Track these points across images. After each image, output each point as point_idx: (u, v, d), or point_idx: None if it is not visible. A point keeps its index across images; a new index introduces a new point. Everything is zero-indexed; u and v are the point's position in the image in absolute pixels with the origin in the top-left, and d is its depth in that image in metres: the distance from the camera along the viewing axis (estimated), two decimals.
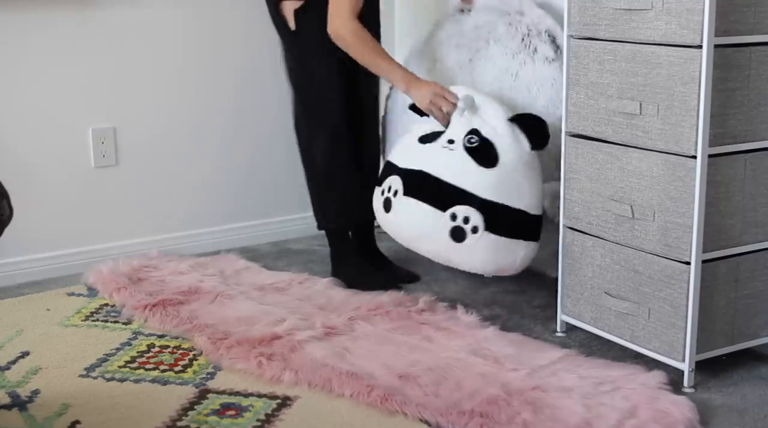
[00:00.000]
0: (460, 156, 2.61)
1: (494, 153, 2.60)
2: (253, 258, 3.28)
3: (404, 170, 2.70)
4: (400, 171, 2.71)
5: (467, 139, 2.61)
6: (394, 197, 2.70)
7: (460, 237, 2.59)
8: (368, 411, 2.21)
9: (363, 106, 3.10)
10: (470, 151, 2.60)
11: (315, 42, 2.94)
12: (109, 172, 3.25)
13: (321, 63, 2.96)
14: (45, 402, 2.27)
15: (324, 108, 3.00)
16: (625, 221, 2.39)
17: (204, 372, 2.42)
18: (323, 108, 3.00)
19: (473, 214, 2.57)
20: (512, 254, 2.62)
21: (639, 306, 2.38)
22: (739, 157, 2.28)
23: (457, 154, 2.62)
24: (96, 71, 3.18)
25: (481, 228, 2.57)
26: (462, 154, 2.61)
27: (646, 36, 2.28)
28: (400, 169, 2.72)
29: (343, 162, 3.04)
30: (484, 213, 2.57)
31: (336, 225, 3.11)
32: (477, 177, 2.59)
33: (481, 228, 2.57)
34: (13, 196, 2.09)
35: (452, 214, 2.59)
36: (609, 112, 2.40)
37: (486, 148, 2.60)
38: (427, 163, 2.66)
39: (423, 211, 2.63)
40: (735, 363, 2.44)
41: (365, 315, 2.73)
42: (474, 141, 2.60)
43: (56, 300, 2.93)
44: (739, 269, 2.34)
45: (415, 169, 2.67)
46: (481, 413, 2.15)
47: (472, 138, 2.61)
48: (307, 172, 3.11)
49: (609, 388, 2.27)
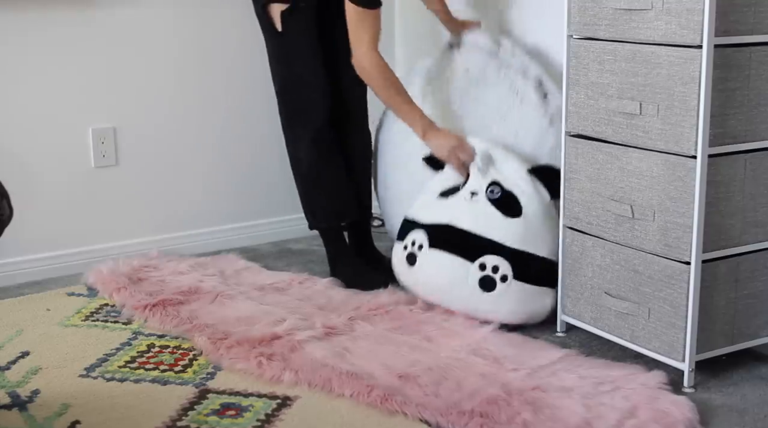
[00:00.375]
0: (485, 207, 2.66)
1: (518, 204, 2.65)
2: (253, 258, 3.28)
3: (429, 225, 2.73)
4: (424, 226, 2.74)
5: (490, 190, 2.66)
6: (419, 251, 2.73)
7: (490, 286, 2.62)
8: (368, 411, 2.21)
9: (349, 107, 3.10)
10: (494, 202, 2.65)
11: (301, 44, 2.94)
12: (109, 172, 3.25)
13: (307, 65, 2.96)
14: (45, 402, 2.27)
15: (308, 110, 3.00)
16: (625, 221, 2.39)
17: (204, 372, 2.42)
18: (307, 110, 3.00)
19: (502, 263, 2.61)
20: (540, 301, 2.65)
21: (639, 306, 2.38)
22: (739, 157, 2.28)
23: (481, 205, 2.67)
24: (96, 71, 3.18)
25: (510, 276, 2.61)
26: (486, 206, 2.66)
27: (646, 36, 2.28)
28: (423, 224, 2.75)
29: (328, 162, 3.05)
30: (512, 262, 2.61)
31: (326, 224, 3.11)
32: (503, 227, 2.63)
33: (510, 277, 2.61)
34: (13, 196, 2.09)
35: (481, 264, 2.62)
36: (609, 112, 2.40)
37: (509, 198, 2.65)
38: (451, 216, 2.70)
39: (451, 262, 2.66)
40: (735, 363, 2.44)
41: (365, 315, 2.73)
42: (497, 192, 2.65)
43: (56, 300, 2.93)
44: (739, 269, 2.34)
45: (441, 223, 2.71)
46: (481, 413, 2.15)
47: (494, 189, 2.66)
48: (295, 173, 3.12)
49: (609, 388, 2.27)
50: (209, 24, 3.35)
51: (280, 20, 2.93)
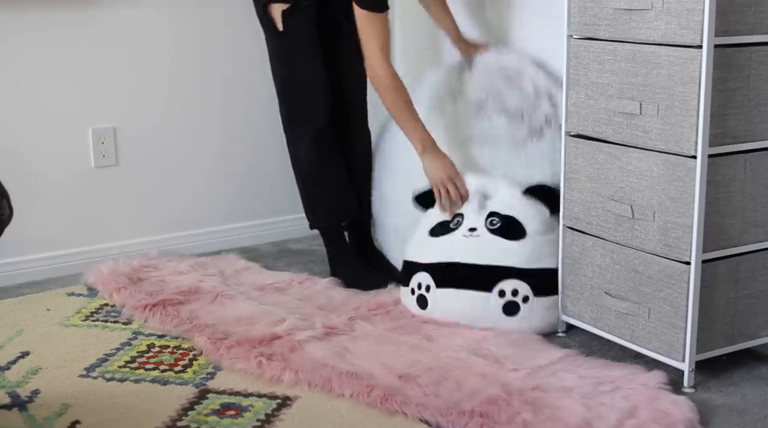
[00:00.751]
0: (489, 239, 2.65)
1: (520, 225, 2.65)
2: (253, 258, 3.28)
3: (430, 265, 2.70)
4: (426, 267, 2.71)
5: (489, 221, 2.66)
6: (427, 292, 2.70)
7: (514, 310, 2.61)
8: (368, 411, 2.21)
9: (349, 107, 3.10)
10: (496, 232, 2.65)
11: (302, 43, 2.94)
12: (109, 172, 3.25)
13: (308, 64, 2.96)
14: (45, 402, 2.27)
15: (309, 109, 3.00)
16: (625, 221, 2.39)
17: (204, 372, 2.42)
18: (308, 109, 3.00)
19: (520, 285, 2.60)
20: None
21: (639, 306, 2.38)
22: (739, 157, 2.28)
23: (484, 238, 2.66)
24: (96, 71, 3.18)
25: (531, 296, 2.61)
26: (489, 237, 2.65)
27: (646, 36, 2.28)
28: (424, 264, 2.72)
29: (329, 161, 3.05)
30: (529, 281, 2.60)
31: (326, 223, 3.11)
32: (512, 251, 2.62)
33: (531, 297, 2.61)
34: (13, 196, 2.09)
35: (500, 291, 2.61)
36: (609, 112, 2.40)
37: (510, 224, 2.65)
38: (452, 253, 2.68)
39: (467, 296, 2.64)
40: (735, 363, 2.44)
41: (365, 315, 2.73)
42: (496, 222, 2.65)
43: (56, 300, 2.93)
44: (739, 269, 2.34)
45: (444, 262, 2.68)
46: (481, 413, 2.15)
47: (494, 220, 2.66)
48: (296, 172, 3.12)
49: (609, 388, 2.27)
50: (209, 24, 3.35)
51: (281, 20, 2.93)
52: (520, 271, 2.61)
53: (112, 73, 3.21)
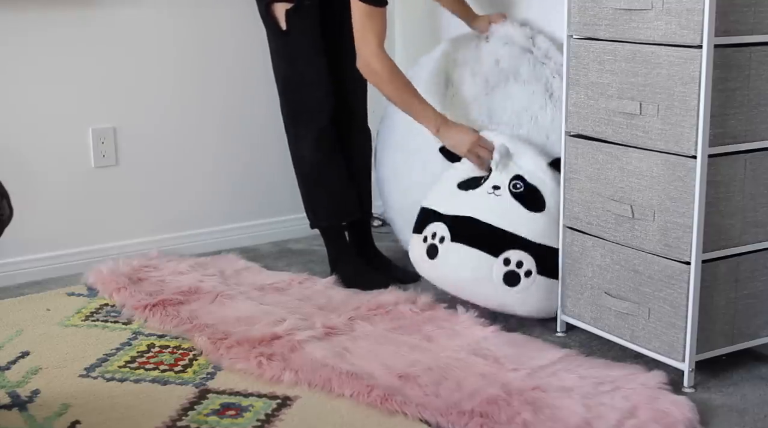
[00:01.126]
0: (509, 201, 2.65)
1: (541, 198, 2.64)
2: (253, 258, 3.28)
3: (450, 217, 2.71)
4: (445, 217, 2.71)
5: (513, 184, 2.65)
6: (440, 244, 2.70)
7: (515, 281, 2.61)
8: (368, 411, 2.21)
9: (351, 107, 3.10)
10: (517, 197, 2.64)
11: (305, 43, 2.94)
12: (109, 172, 3.25)
13: (311, 63, 2.96)
14: (45, 402, 2.27)
15: (312, 109, 3.00)
16: (625, 221, 2.39)
17: (204, 372, 2.42)
18: (311, 109, 3.00)
19: (526, 258, 2.60)
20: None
21: (639, 306, 2.38)
22: (739, 157, 2.28)
23: (505, 199, 2.65)
24: (96, 71, 3.18)
25: (535, 271, 2.60)
26: (510, 200, 2.65)
27: (646, 36, 2.28)
28: (444, 215, 2.72)
29: (331, 161, 3.05)
30: (536, 257, 2.60)
31: (327, 223, 3.11)
32: (527, 221, 2.62)
33: (534, 272, 2.60)
34: (13, 196, 2.09)
35: (505, 259, 2.61)
36: (609, 112, 2.40)
37: (532, 193, 2.64)
38: (474, 209, 2.68)
39: (475, 256, 2.64)
40: (735, 363, 2.44)
41: (365, 315, 2.73)
42: (520, 186, 2.65)
43: (56, 300, 2.93)
44: (739, 269, 2.34)
45: (463, 216, 2.68)
46: (481, 413, 2.15)
47: (517, 183, 2.65)
48: (297, 172, 3.12)
49: (609, 388, 2.27)
50: (209, 24, 3.35)
51: (284, 19, 2.93)
52: (529, 244, 2.60)
53: (112, 73, 3.21)
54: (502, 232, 2.62)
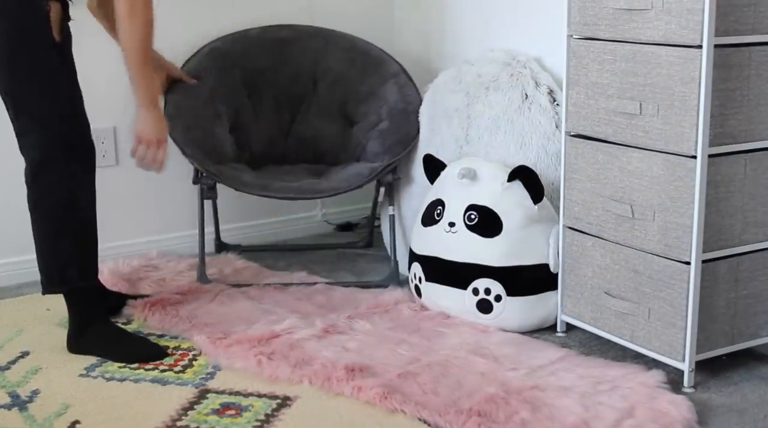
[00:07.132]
0: (466, 235, 2.67)
1: (497, 221, 2.65)
2: (253, 258, 3.28)
3: (421, 257, 2.78)
4: (419, 257, 2.79)
5: (467, 216, 2.67)
6: (420, 283, 2.78)
7: (488, 308, 2.64)
8: (368, 410, 2.21)
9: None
10: (473, 228, 2.66)
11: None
12: (109, 172, 3.25)
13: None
14: (45, 402, 2.27)
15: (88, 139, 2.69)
16: (625, 221, 2.39)
17: (204, 372, 2.42)
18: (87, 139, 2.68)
19: (493, 284, 2.63)
20: (544, 306, 2.66)
21: (639, 306, 2.38)
22: (739, 157, 2.28)
23: (462, 234, 2.68)
24: (95, 71, 3.18)
25: (504, 295, 2.62)
26: (466, 234, 2.67)
27: (646, 36, 2.28)
28: (418, 255, 2.80)
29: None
30: (501, 280, 2.62)
31: (85, 282, 2.58)
32: (486, 249, 2.64)
33: (503, 296, 2.62)
34: (13, 196, 2.09)
35: (474, 289, 2.65)
36: (609, 112, 2.40)
37: (487, 219, 2.65)
38: (436, 249, 2.73)
39: (447, 292, 2.70)
40: (735, 363, 2.44)
41: (364, 313, 2.73)
42: (474, 217, 2.66)
43: (56, 300, 2.91)
44: (739, 269, 2.34)
45: (430, 256, 2.74)
46: (479, 412, 2.15)
47: (471, 214, 2.67)
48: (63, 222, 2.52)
49: (607, 388, 2.27)
50: (209, 24, 3.35)
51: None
52: (492, 269, 2.62)
53: (111, 73, 3.20)
54: (465, 265, 2.66)
